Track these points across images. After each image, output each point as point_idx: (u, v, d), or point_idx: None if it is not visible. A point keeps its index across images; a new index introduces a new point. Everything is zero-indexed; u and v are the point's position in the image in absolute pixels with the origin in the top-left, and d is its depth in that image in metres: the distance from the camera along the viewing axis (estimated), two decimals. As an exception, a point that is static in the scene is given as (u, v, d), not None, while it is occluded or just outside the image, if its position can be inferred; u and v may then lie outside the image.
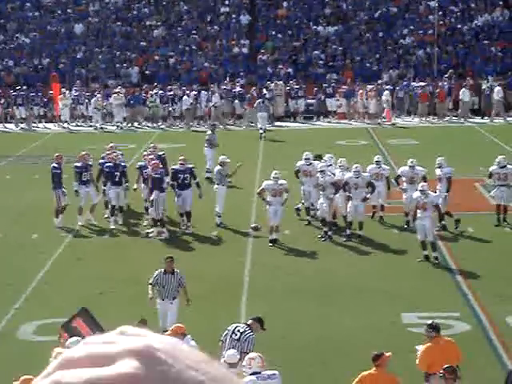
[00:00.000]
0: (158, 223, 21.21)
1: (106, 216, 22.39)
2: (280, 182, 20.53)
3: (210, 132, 30.34)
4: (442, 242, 19.95)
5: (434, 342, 11.49)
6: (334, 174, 20.97)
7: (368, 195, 20.68)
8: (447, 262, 18.85)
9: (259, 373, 10.04)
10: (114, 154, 22.62)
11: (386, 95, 38.68)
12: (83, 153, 23.04)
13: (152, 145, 23.82)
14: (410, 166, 21.34)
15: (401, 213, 21.50)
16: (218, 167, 22.57)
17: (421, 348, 11.71)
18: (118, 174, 21.92)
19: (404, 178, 21.44)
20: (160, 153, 23.77)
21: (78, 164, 22.38)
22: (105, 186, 22.25)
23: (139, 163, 22.97)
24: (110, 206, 22.06)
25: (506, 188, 21.22)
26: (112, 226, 21.89)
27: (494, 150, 30.44)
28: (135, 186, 22.41)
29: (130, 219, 22.82)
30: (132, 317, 16.03)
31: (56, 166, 22.43)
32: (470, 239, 20.37)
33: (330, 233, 20.64)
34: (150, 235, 21.16)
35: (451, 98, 39.86)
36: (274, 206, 20.30)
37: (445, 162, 21.59)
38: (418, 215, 18.60)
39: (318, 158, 22.42)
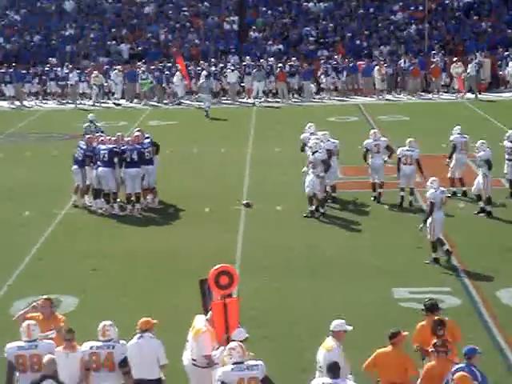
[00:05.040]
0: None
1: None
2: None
3: (203, 79, 35.36)
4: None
5: (427, 321, 11.57)
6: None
7: (322, 174, 20.58)
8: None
9: (241, 363, 10.09)
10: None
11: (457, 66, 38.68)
12: (119, 134, 22.45)
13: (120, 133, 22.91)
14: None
15: (395, 189, 21.50)
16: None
17: None
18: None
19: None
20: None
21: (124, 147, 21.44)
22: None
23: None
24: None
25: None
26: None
27: (484, 125, 30.59)
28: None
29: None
30: (125, 293, 16.18)
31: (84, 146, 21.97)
32: (461, 214, 20.45)
33: (322, 210, 20.69)
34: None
35: (446, 73, 39.91)
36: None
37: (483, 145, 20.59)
38: (440, 211, 17.36)
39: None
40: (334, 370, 10.03)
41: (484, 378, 10.09)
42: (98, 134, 22.90)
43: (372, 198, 21.74)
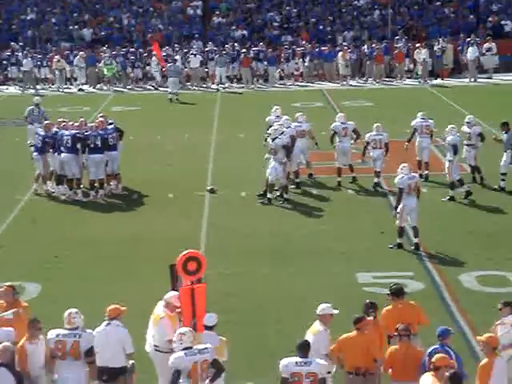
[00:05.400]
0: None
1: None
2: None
3: (171, 63, 35.50)
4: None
5: (393, 305, 11.67)
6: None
7: (284, 159, 20.60)
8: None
9: (190, 348, 10.11)
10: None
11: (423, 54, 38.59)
12: (81, 119, 22.36)
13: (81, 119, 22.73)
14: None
15: (361, 175, 21.61)
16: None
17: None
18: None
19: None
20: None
21: (88, 132, 21.25)
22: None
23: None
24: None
25: (471, 148, 21.43)
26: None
27: (446, 110, 30.76)
28: None
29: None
30: (89, 280, 16.09)
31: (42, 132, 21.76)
32: (424, 199, 20.54)
33: (286, 196, 20.70)
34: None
35: (410, 59, 40.04)
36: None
37: (453, 130, 20.74)
38: (411, 197, 17.21)
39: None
40: (303, 348, 10.07)
41: (458, 356, 10.29)
42: (47, 122, 22.55)
43: (337, 183, 21.80)
